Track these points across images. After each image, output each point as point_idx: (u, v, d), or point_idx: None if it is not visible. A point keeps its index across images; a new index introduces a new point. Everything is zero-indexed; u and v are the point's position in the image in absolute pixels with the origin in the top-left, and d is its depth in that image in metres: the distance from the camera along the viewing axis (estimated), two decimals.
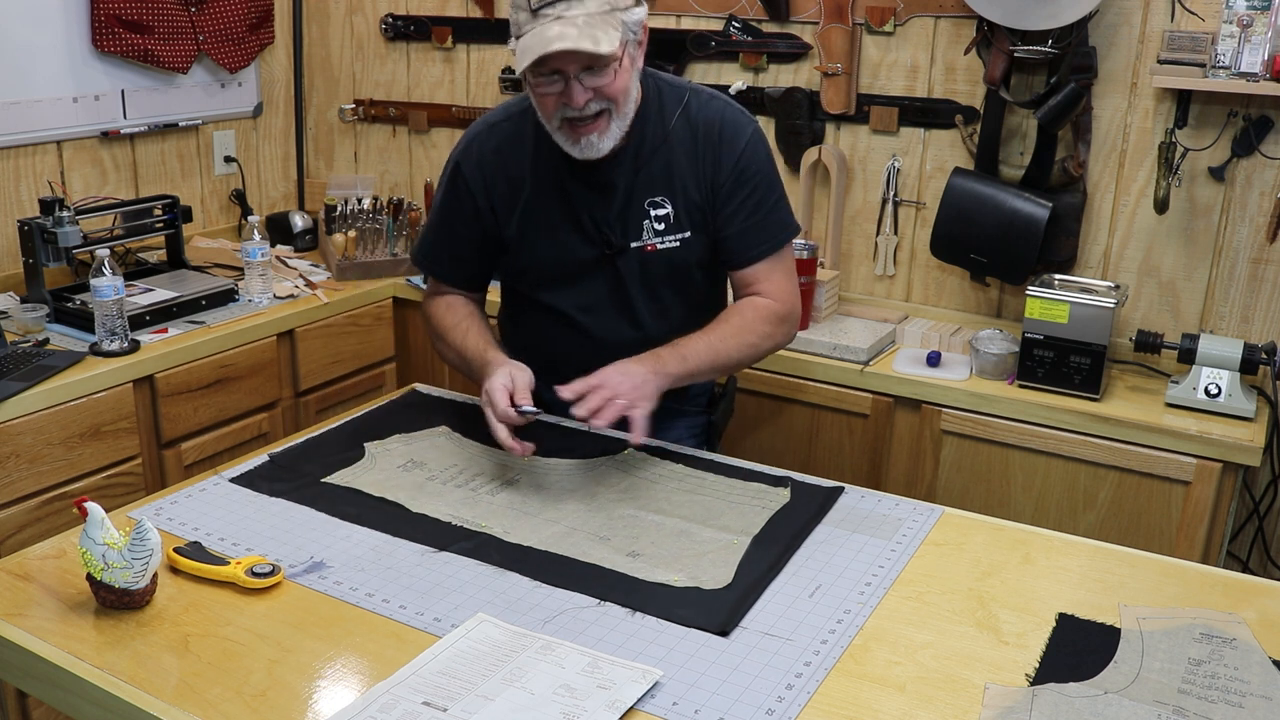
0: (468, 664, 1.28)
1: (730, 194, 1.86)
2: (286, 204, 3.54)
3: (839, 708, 1.24)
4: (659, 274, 1.90)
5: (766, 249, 1.89)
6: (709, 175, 1.86)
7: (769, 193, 1.88)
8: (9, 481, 2.18)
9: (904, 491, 2.37)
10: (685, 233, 1.88)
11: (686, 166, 1.85)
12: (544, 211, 1.89)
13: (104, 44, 2.85)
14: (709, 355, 1.82)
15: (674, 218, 1.86)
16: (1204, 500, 2.22)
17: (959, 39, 2.62)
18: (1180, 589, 1.49)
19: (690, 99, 1.88)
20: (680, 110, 1.86)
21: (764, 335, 1.88)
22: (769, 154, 1.91)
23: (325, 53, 3.53)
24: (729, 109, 1.89)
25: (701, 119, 1.86)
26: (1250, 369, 2.29)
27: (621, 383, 1.69)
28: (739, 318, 1.87)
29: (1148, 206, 2.48)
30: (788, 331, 1.93)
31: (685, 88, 1.90)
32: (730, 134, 1.85)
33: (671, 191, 1.86)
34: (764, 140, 1.90)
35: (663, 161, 1.85)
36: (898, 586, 1.49)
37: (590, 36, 1.64)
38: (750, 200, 1.86)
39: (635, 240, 1.87)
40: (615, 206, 1.85)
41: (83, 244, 2.57)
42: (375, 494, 1.71)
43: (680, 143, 1.85)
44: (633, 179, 1.85)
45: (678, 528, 1.61)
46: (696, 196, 1.86)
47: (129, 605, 1.39)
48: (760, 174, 1.87)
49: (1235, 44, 2.24)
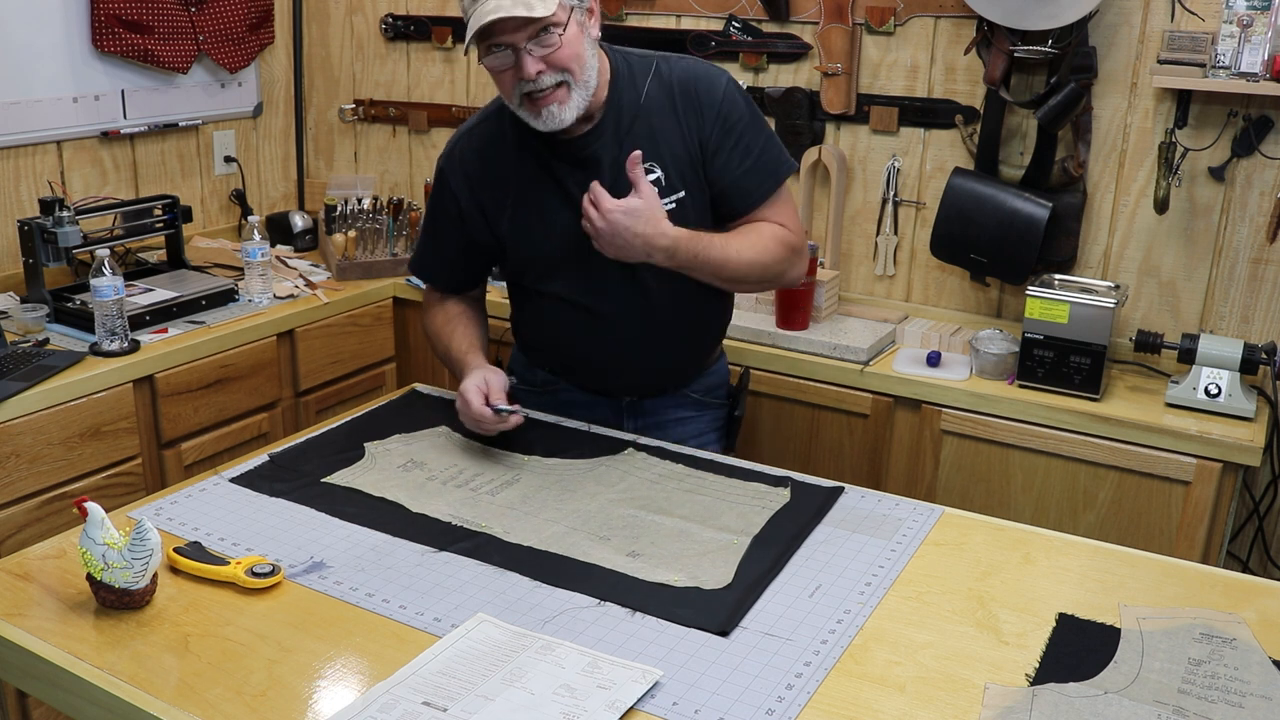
0: (468, 664, 1.28)
1: (719, 145, 1.87)
2: (286, 204, 3.54)
3: (839, 708, 1.24)
4: None
5: (768, 188, 1.90)
6: (694, 130, 1.86)
7: (757, 134, 1.89)
8: (9, 481, 2.18)
9: (904, 491, 2.37)
10: (680, 193, 1.88)
11: (669, 128, 1.86)
12: (536, 202, 1.90)
13: (104, 44, 2.85)
14: (720, 257, 1.82)
15: (665, 180, 1.87)
16: (1204, 500, 2.22)
17: (959, 39, 2.62)
18: (1180, 589, 1.49)
19: (659, 64, 1.89)
20: (651, 76, 1.88)
21: (777, 259, 1.89)
22: (748, 98, 1.91)
23: (325, 53, 3.53)
24: (698, 64, 1.91)
25: (675, 79, 1.87)
26: (1250, 369, 2.29)
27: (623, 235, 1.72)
28: (756, 234, 1.88)
29: (1148, 206, 2.48)
30: (799, 266, 1.95)
31: (653, 56, 1.91)
32: (706, 87, 1.86)
33: (659, 155, 1.86)
34: (739, 87, 1.91)
35: (645, 127, 1.86)
36: (898, 586, 1.49)
37: (524, 3, 1.67)
38: (740, 145, 1.87)
39: None
40: (605, 180, 1.82)
41: (83, 244, 2.57)
42: (375, 494, 1.71)
43: (658, 106, 1.86)
44: (617, 150, 1.85)
45: (678, 528, 1.61)
46: (684, 154, 1.87)
47: (129, 605, 1.39)
48: (743, 118, 1.88)
49: (1235, 44, 2.24)
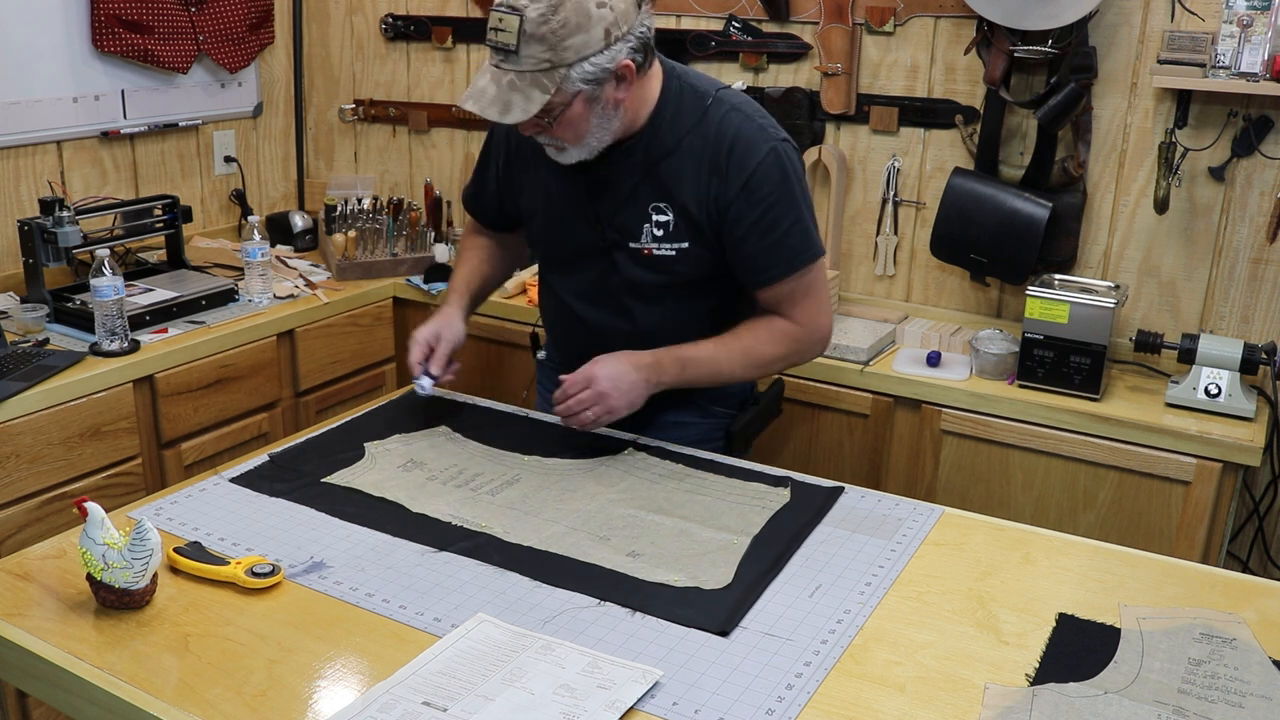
0: (468, 664, 1.28)
1: (739, 216, 1.77)
2: (286, 204, 3.54)
3: (839, 708, 1.24)
4: (656, 277, 1.85)
5: (779, 273, 1.80)
6: (714, 194, 1.77)
7: (783, 215, 1.77)
8: (9, 481, 2.18)
9: (904, 491, 2.37)
10: (684, 243, 1.81)
11: (691, 179, 1.78)
12: (556, 193, 1.88)
13: (104, 44, 2.85)
14: (710, 368, 1.83)
15: (674, 226, 1.81)
16: (1204, 500, 2.22)
17: (959, 39, 2.62)
18: (1180, 589, 1.49)
19: (711, 107, 1.78)
20: (700, 118, 1.78)
21: (775, 357, 1.86)
22: (788, 174, 1.78)
23: (325, 53, 3.53)
24: (748, 125, 1.78)
25: (715, 133, 1.77)
26: (1250, 369, 2.29)
27: (609, 389, 1.76)
28: (750, 335, 1.85)
29: (1148, 206, 2.48)
30: (805, 351, 1.88)
31: (710, 92, 1.80)
32: (741, 153, 1.76)
33: (674, 201, 1.80)
34: (783, 160, 1.78)
35: (672, 169, 1.79)
36: (898, 586, 1.49)
37: (502, 103, 1.63)
38: (762, 222, 1.77)
39: (633, 241, 1.83)
40: (619, 202, 1.82)
41: (83, 244, 2.57)
42: (375, 494, 1.71)
43: (690, 153, 1.78)
44: (640, 180, 1.81)
45: (678, 528, 1.61)
46: (696, 212, 1.79)
47: (129, 605, 1.39)
48: (772, 195, 1.76)
49: (1235, 44, 2.24)
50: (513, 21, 1.59)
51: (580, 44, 1.61)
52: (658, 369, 1.79)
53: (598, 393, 1.76)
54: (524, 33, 1.59)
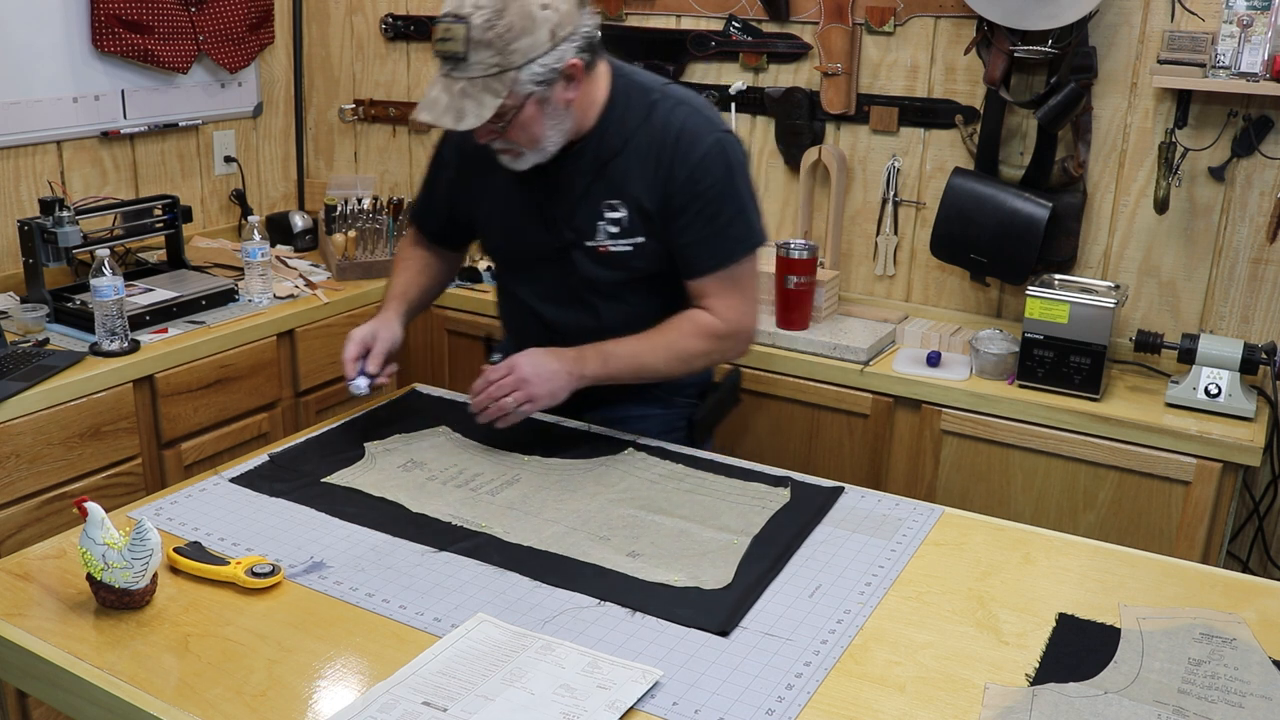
0: (468, 664, 1.28)
1: (683, 207, 1.81)
2: (286, 204, 3.54)
3: (839, 708, 1.24)
4: (614, 274, 1.88)
5: (715, 263, 1.84)
6: (662, 186, 1.81)
7: (725, 206, 1.82)
8: (9, 481, 2.18)
9: (904, 491, 2.37)
10: (639, 238, 1.84)
11: (641, 174, 1.82)
12: (509, 199, 1.91)
13: (104, 44, 2.85)
14: (632, 362, 1.84)
15: (628, 223, 1.84)
16: (1204, 500, 2.22)
17: (959, 39, 2.62)
18: (1180, 589, 1.49)
19: (658, 103, 1.83)
20: (646, 113, 1.82)
21: (698, 352, 1.87)
22: (732, 165, 1.82)
23: (325, 53, 3.53)
24: (693, 118, 1.82)
25: (662, 127, 1.81)
26: (1250, 369, 2.29)
27: (530, 375, 1.78)
28: (674, 330, 1.86)
29: (1148, 206, 2.48)
30: (729, 348, 1.90)
31: (655, 89, 1.85)
32: (686, 145, 1.79)
33: (625, 197, 1.83)
34: (727, 151, 1.82)
35: (621, 166, 1.83)
36: (898, 586, 1.49)
37: (455, 110, 1.66)
38: (703, 214, 1.81)
39: (589, 240, 1.86)
40: (572, 203, 1.86)
41: (83, 244, 2.57)
42: (375, 494, 1.71)
43: (639, 149, 1.81)
44: (591, 180, 1.84)
45: (678, 528, 1.61)
46: (648, 205, 1.82)
47: (129, 605, 1.39)
48: (715, 187, 1.80)
49: (1235, 44, 2.24)
50: (459, 30, 1.63)
51: (527, 46, 1.64)
52: (580, 361, 1.81)
53: (519, 378, 1.78)
54: (471, 39, 1.62)
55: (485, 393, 1.79)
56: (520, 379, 1.78)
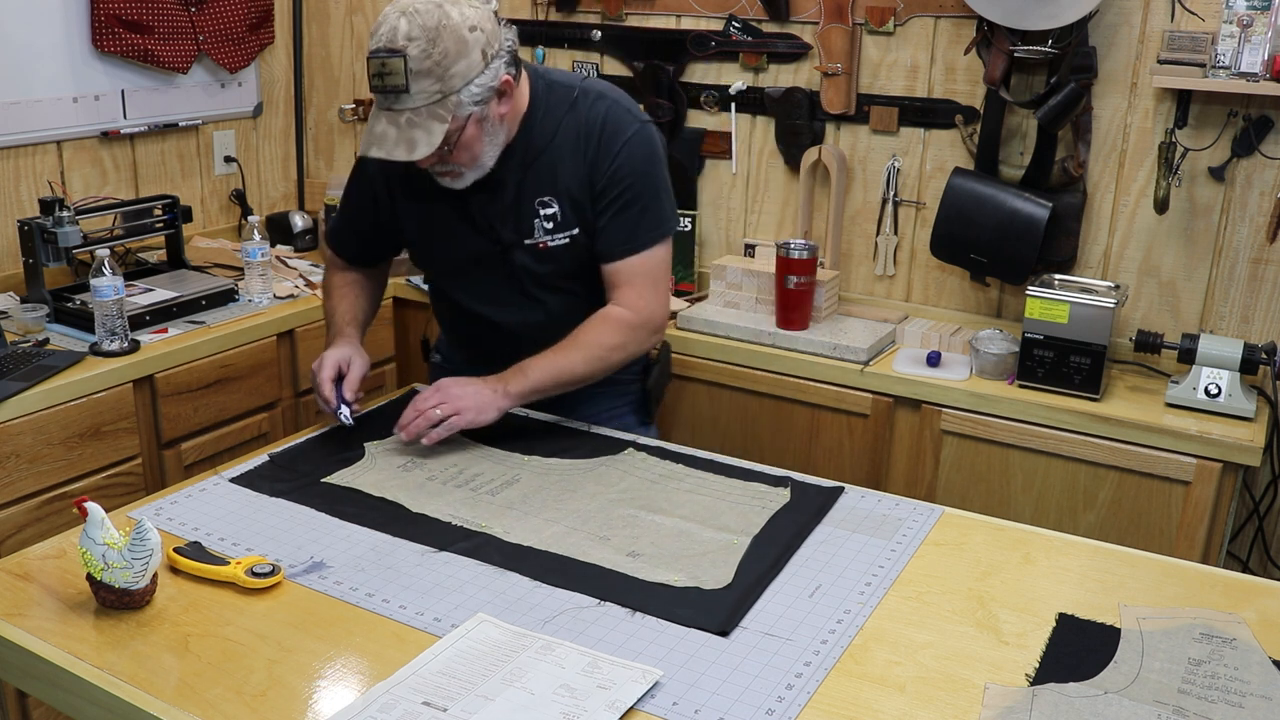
0: (468, 664, 1.28)
1: (603, 194, 1.88)
2: (286, 204, 3.54)
3: (839, 708, 1.24)
4: (556, 268, 1.94)
5: (628, 248, 1.90)
6: (587, 176, 1.88)
7: (641, 193, 1.89)
8: (9, 481, 2.18)
9: (904, 491, 2.37)
10: (574, 230, 1.91)
11: (572, 166, 1.88)
12: (442, 213, 1.94)
13: (104, 44, 2.85)
14: (553, 372, 1.88)
15: (561, 216, 1.90)
16: (1204, 500, 2.22)
17: (959, 39, 2.62)
18: (1180, 589, 1.49)
19: (579, 98, 1.89)
20: (568, 110, 1.88)
21: (613, 347, 1.91)
22: (651, 154, 1.90)
23: (325, 53, 3.53)
24: (614, 109, 1.89)
25: (585, 119, 1.87)
26: (1250, 369, 2.29)
27: (458, 393, 1.83)
28: (587, 333, 1.91)
29: (1148, 206, 2.48)
30: (643, 339, 1.95)
31: (574, 85, 1.91)
32: (609, 135, 1.87)
33: (557, 192, 1.89)
34: (647, 141, 1.90)
35: (549, 162, 1.88)
36: (898, 586, 1.49)
37: (406, 141, 1.71)
38: (619, 199, 1.88)
39: (528, 238, 1.91)
40: (506, 204, 1.90)
41: (83, 244, 2.57)
42: (375, 494, 1.71)
43: (565, 143, 1.88)
44: (521, 177, 1.88)
45: (678, 528, 1.61)
46: (579, 196, 1.89)
47: (129, 605, 1.39)
48: (634, 175, 1.88)
49: (1235, 44, 2.24)
50: (397, 64, 1.68)
51: (464, 69, 1.70)
52: (502, 378, 1.87)
53: (445, 394, 1.83)
54: (410, 70, 1.68)
55: (413, 422, 1.83)
56: (445, 394, 1.83)
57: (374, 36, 1.71)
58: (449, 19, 1.69)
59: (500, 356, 1.95)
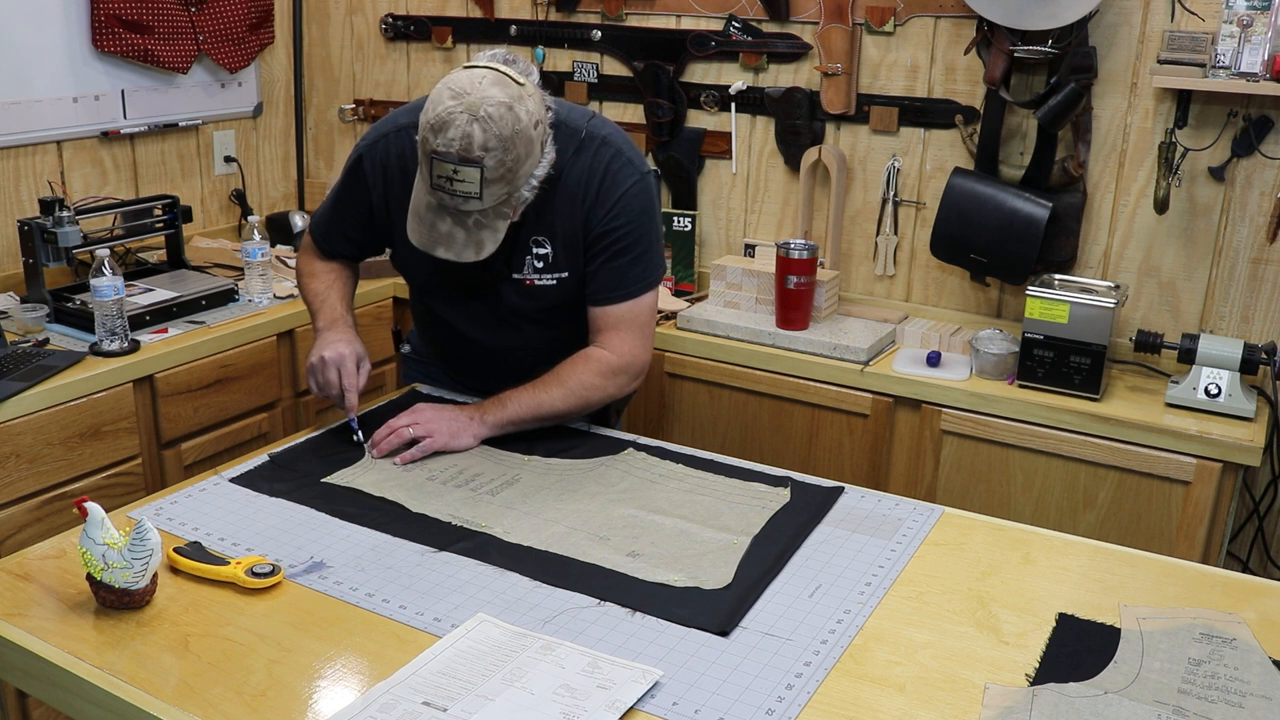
0: (468, 664, 1.28)
1: (596, 241, 1.90)
2: (286, 204, 3.54)
3: (839, 708, 1.24)
4: (539, 305, 1.96)
5: (615, 297, 1.92)
6: (583, 222, 1.89)
7: (633, 246, 1.90)
8: (9, 481, 2.18)
9: (904, 491, 2.37)
10: (564, 273, 1.93)
11: (567, 212, 1.89)
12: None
13: (104, 44, 2.85)
14: (533, 406, 1.90)
15: (553, 258, 1.92)
16: (1204, 500, 2.22)
17: (959, 39, 2.62)
18: (1180, 589, 1.50)
19: (585, 142, 1.88)
20: (574, 153, 1.87)
21: (592, 388, 1.92)
22: (647, 206, 1.92)
23: (325, 53, 3.53)
24: (617, 158, 1.89)
25: (589, 166, 1.88)
26: (1250, 369, 2.29)
27: (433, 415, 1.85)
28: (569, 370, 1.92)
29: (1148, 206, 2.48)
30: (623, 384, 1.95)
31: (581, 127, 1.89)
32: (608, 187, 1.87)
33: (552, 234, 1.90)
34: (645, 192, 1.91)
35: (548, 204, 1.88)
36: (898, 586, 1.49)
37: (475, 243, 1.73)
38: (611, 249, 1.90)
39: (516, 272, 1.93)
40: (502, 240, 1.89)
41: (83, 244, 2.57)
42: (375, 494, 1.71)
43: (565, 186, 1.87)
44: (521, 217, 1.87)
45: (678, 528, 1.61)
46: (573, 241, 1.90)
47: (129, 605, 1.39)
48: (627, 227, 1.89)
49: (1235, 44, 2.24)
50: (472, 174, 1.66)
51: (529, 168, 1.74)
52: (480, 407, 1.89)
53: (419, 415, 1.86)
54: (485, 180, 1.66)
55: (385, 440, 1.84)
56: (419, 418, 1.85)
57: (437, 134, 1.64)
58: (520, 123, 1.67)
59: (470, 364, 1.96)
